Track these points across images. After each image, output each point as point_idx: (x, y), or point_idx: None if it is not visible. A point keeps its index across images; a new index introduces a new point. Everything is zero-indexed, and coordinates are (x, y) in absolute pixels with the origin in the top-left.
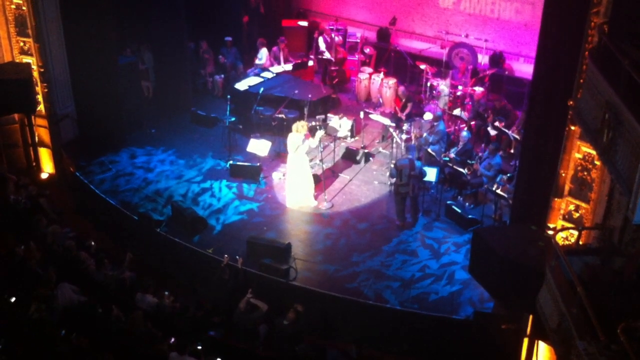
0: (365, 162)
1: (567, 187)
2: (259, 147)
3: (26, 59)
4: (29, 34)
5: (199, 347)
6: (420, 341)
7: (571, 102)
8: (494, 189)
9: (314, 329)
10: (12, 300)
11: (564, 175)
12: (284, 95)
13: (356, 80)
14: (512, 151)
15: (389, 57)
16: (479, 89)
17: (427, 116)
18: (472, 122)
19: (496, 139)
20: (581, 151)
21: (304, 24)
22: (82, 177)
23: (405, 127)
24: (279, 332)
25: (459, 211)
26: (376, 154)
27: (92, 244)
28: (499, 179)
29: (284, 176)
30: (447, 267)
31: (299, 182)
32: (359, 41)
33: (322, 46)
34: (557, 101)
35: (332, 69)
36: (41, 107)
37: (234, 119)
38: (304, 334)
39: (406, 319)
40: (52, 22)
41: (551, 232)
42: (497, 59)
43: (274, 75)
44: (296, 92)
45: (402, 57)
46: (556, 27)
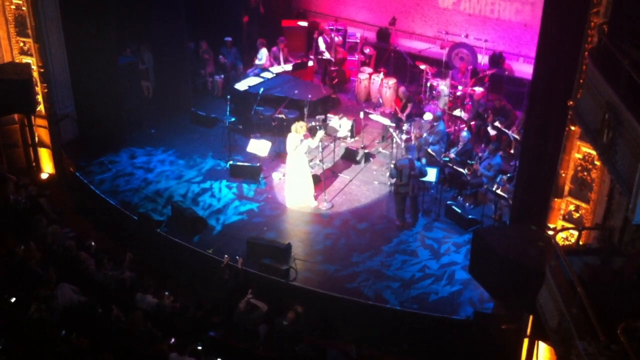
0: (365, 162)
1: (567, 187)
2: (259, 147)
3: (26, 59)
4: (28, 34)
5: (199, 347)
6: (420, 341)
7: (571, 102)
8: (494, 189)
9: (314, 329)
10: (12, 300)
11: (564, 175)
12: (283, 95)
13: (356, 80)
14: (512, 151)
15: (389, 58)
16: (479, 89)
17: (427, 116)
18: (472, 122)
19: (496, 139)
20: (581, 151)
21: (304, 24)
22: (82, 177)
23: (405, 127)
24: (279, 332)
25: (459, 211)
26: (376, 154)
27: (92, 244)
28: (499, 179)
29: (283, 176)
30: (447, 268)
31: (299, 182)
32: (358, 41)
33: (322, 46)
34: (557, 101)
35: (332, 69)
36: (41, 107)
37: (234, 119)
38: (304, 334)
39: (406, 319)
40: (52, 22)
41: (551, 232)
42: (496, 59)
43: (274, 75)
44: (296, 92)
45: (402, 57)
46: (556, 27)
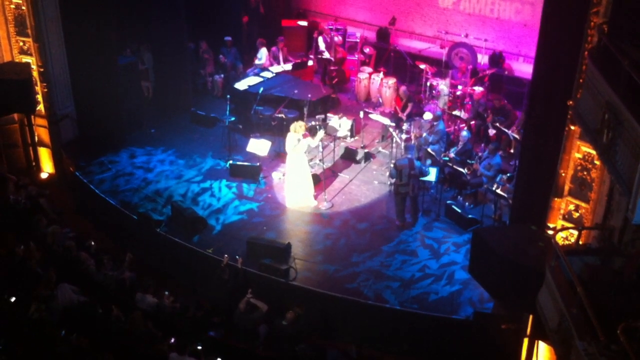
0: (365, 162)
1: (567, 187)
2: (259, 147)
3: (26, 59)
4: (28, 34)
5: (199, 347)
6: (420, 341)
7: (571, 102)
8: (493, 188)
9: (313, 329)
10: (12, 300)
11: (563, 175)
12: (283, 95)
13: (356, 80)
14: (512, 151)
15: (389, 57)
16: (479, 89)
17: (427, 116)
18: (472, 122)
19: (496, 138)
20: (581, 151)
21: (304, 24)
22: (82, 177)
23: (405, 127)
24: (278, 332)
25: (459, 211)
26: (376, 153)
27: (92, 244)
28: (498, 179)
29: (283, 176)
30: (447, 267)
31: (299, 182)
32: (358, 41)
33: (321, 46)
34: (557, 101)
35: (332, 68)
36: (41, 107)
37: (233, 119)
38: (304, 334)
39: (406, 319)
40: (52, 22)
41: (551, 232)
42: (496, 59)
43: (274, 75)
44: (296, 92)
45: (401, 57)
46: (556, 27)
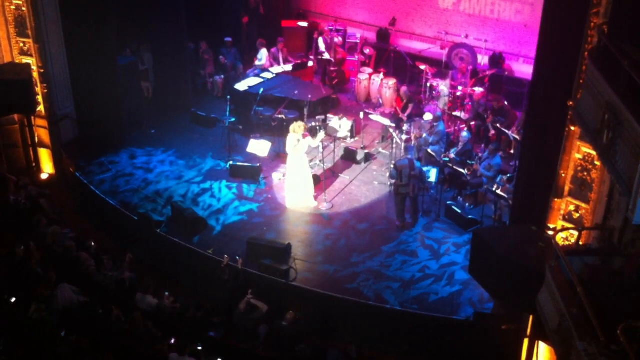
0: (365, 162)
1: (567, 188)
2: (259, 147)
3: (26, 60)
4: (28, 35)
5: (199, 347)
6: (420, 342)
7: (571, 103)
8: (494, 189)
9: (314, 330)
10: (12, 300)
11: (564, 175)
12: (283, 95)
13: (356, 80)
14: (512, 151)
15: (389, 58)
16: (479, 90)
17: (427, 117)
18: (472, 123)
19: (496, 139)
20: (581, 151)
21: (304, 24)
22: (82, 178)
23: (405, 127)
24: (278, 332)
25: (459, 212)
26: (376, 154)
27: (92, 244)
28: (499, 180)
29: (283, 177)
30: (447, 268)
31: (299, 182)
32: (358, 42)
33: (322, 47)
34: (557, 101)
35: (332, 69)
36: (41, 108)
37: (233, 120)
38: (304, 334)
39: (406, 320)
40: (52, 22)
41: (551, 233)
42: (496, 60)
43: (274, 75)
44: (296, 92)
45: (401, 57)
46: (556, 27)
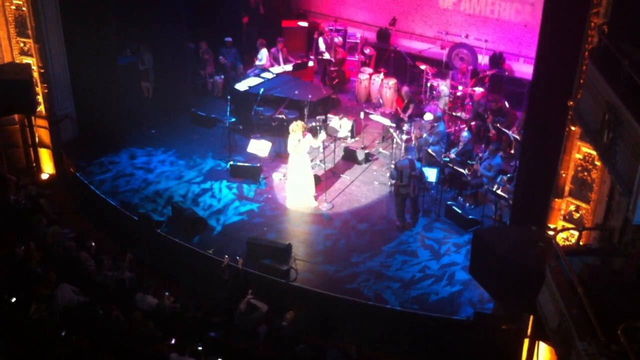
0: (365, 162)
1: (567, 188)
2: (259, 147)
3: (26, 60)
4: (29, 35)
5: (199, 347)
6: (420, 342)
7: (571, 103)
8: (494, 189)
9: (313, 330)
10: (12, 300)
11: (564, 175)
12: (284, 95)
13: (356, 80)
14: (512, 151)
15: (389, 58)
16: (479, 90)
17: (428, 117)
18: (472, 123)
19: (496, 139)
20: (581, 151)
21: (304, 24)
22: (82, 178)
23: (405, 127)
24: (278, 332)
25: (459, 212)
26: (376, 154)
27: (92, 244)
28: (499, 180)
29: (284, 177)
30: (447, 268)
31: (300, 182)
32: (358, 42)
33: (322, 47)
34: (557, 101)
35: (332, 69)
36: (41, 108)
37: (234, 120)
38: (304, 334)
39: (406, 320)
40: (52, 22)
41: (551, 233)
42: (497, 60)
43: (274, 75)
44: (296, 92)
45: (402, 57)
46: (556, 27)
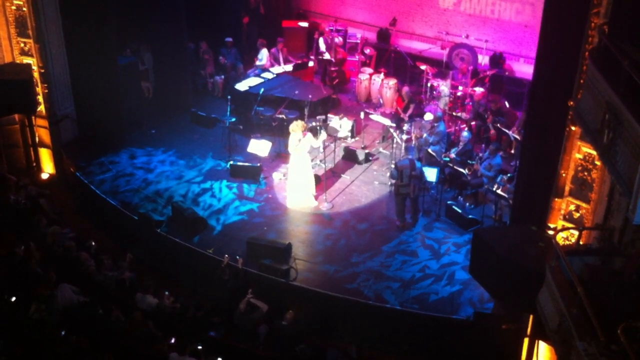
0: (365, 162)
1: (567, 188)
2: (260, 147)
3: (26, 60)
4: (29, 35)
5: (199, 347)
6: (420, 341)
7: (571, 103)
8: (494, 189)
9: (313, 330)
10: (12, 300)
11: (564, 175)
12: (284, 95)
13: (356, 80)
14: (512, 151)
15: (389, 58)
16: (479, 90)
17: (428, 117)
18: (473, 123)
19: (496, 139)
20: (581, 151)
21: (304, 24)
22: (82, 178)
23: (405, 127)
24: (278, 332)
25: (459, 211)
26: (376, 154)
27: (92, 244)
28: (499, 179)
29: (284, 177)
30: (447, 268)
31: (301, 182)
32: (359, 42)
33: (322, 47)
34: (557, 101)
35: (332, 69)
36: (41, 108)
37: (234, 120)
38: (304, 334)
39: (406, 320)
40: (52, 22)
41: (551, 233)
42: (497, 60)
43: (274, 75)
44: (296, 92)
45: (402, 57)
46: (557, 27)
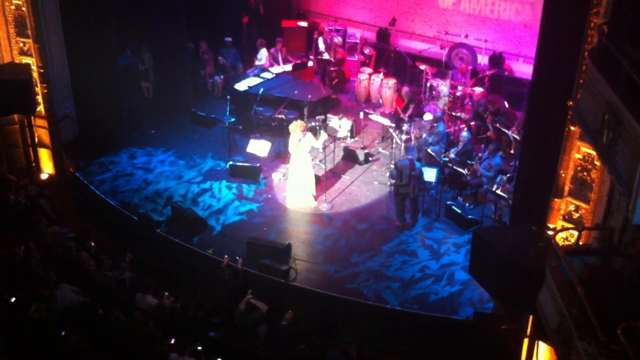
0: (365, 162)
1: (567, 188)
2: (259, 147)
3: (26, 60)
4: (28, 35)
5: (199, 347)
6: (420, 341)
7: (571, 103)
8: (493, 189)
9: (313, 330)
10: (12, 300)
11: (563, 175)
12: (283, 95)
13: (356, 80)
14: (512, 151)
15: (389, 58)
16: (479, 90)
17: (427, 117)
18: (472, 123)
19: (496, 139)
20: (581, 151)
21: (304, 24)
22: (82, 178)
23: (405, 127)
24: (278, 332)
25: (459, 211)
26: (376, 154)
27: (92, 244)
28: (498, 180)
29: (284, 177)
30: (447, 268)
31: (301, 182)
32: (358, 42)
33: (321, 47)
34: (557, 101)
35: (332, 69)
36: (41, 108)
37: (233, 120)
38: (304, 334)
39: (406, 320)
40: (52, 22)
41: (551, 233)
42: (496, 60)
43: (274, 75)
44: (296, 92)
45: (401, 57)
46: (556, 27)
